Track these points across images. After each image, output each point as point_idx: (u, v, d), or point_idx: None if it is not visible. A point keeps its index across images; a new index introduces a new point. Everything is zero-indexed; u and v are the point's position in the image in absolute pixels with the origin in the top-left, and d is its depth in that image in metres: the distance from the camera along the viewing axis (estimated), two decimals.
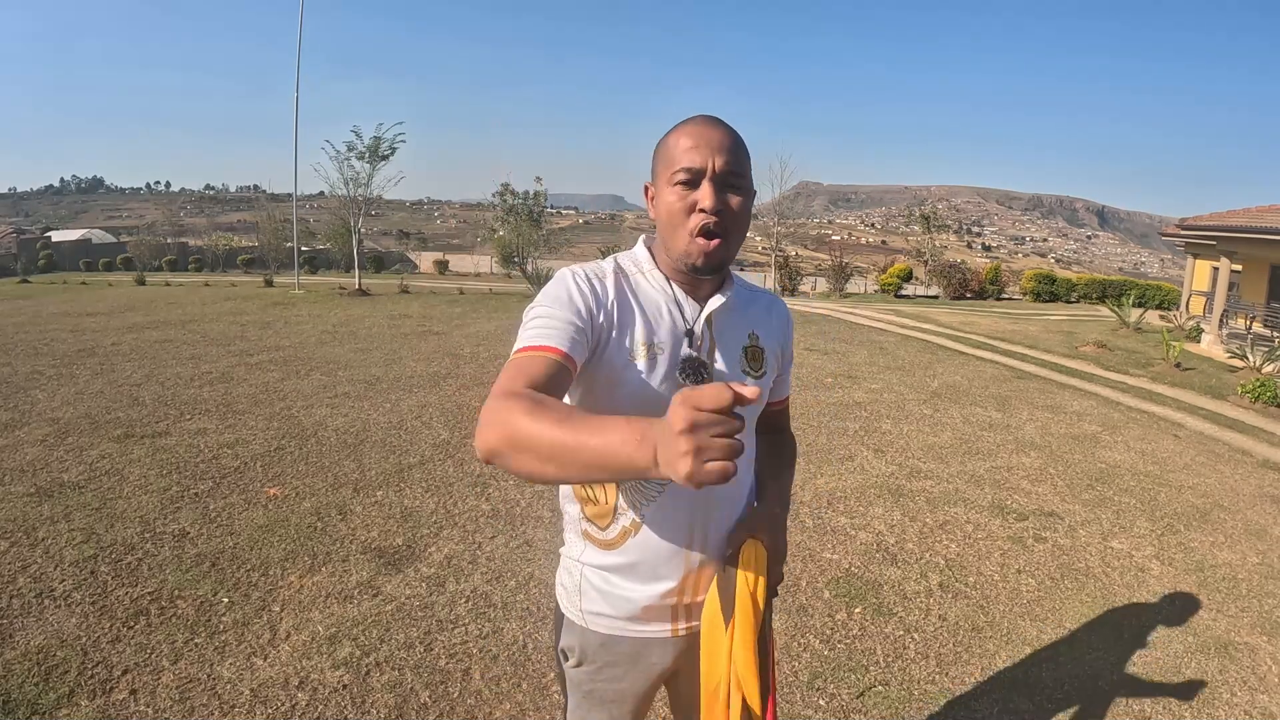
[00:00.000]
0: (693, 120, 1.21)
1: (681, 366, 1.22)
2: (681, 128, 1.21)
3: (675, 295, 1.25)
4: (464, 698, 2.53)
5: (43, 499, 4.01)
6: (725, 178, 1.17)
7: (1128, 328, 14.12)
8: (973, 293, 24.30)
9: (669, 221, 1.20)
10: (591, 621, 1.31)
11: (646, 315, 1.23)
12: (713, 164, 1.16)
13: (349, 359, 8.46)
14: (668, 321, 1.24)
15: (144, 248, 37.12)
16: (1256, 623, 3.33)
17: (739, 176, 1.18)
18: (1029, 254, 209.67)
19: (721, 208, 1.17)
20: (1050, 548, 4.02)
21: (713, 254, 1.19)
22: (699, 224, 1.17)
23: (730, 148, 1.18)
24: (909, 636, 3.05)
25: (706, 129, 1.19)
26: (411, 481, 4.53)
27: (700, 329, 1.24)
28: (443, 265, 38.72)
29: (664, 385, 1.21)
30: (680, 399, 0.81)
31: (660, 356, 1.21)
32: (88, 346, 8.78)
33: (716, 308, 1.25)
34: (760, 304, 1.38)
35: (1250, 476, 5.60)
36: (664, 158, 1.21)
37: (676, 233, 1.20)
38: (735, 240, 1.21)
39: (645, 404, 1.19)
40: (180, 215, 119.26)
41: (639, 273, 1.28)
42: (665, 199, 1.20)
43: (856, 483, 4.87)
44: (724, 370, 1.26)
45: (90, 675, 2.53)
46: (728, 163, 1.16)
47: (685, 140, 1.18)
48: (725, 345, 1.27)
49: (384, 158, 17.89)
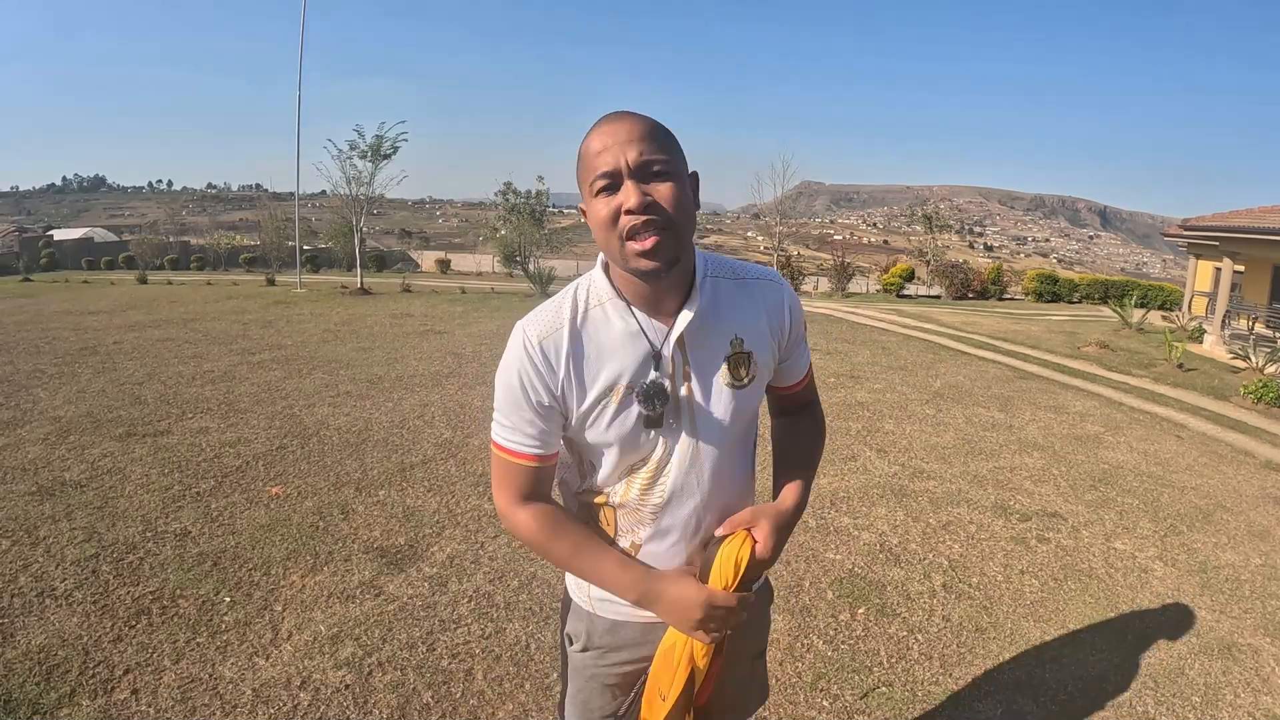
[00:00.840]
0: (598, 123, 1.13)
1: (640, 394, 1.17)
2: (590, 134, 1.13)
3: (639, 324, 1.18)
4: (467, 698, 2.52)
5: (44, 498, 4.01)
6: (644, 169, 1.08)
7: (1130, 328, 14.10)
8: (975, 293, 24.27)
9: (603, 234, 1.11)
10: (599, 607, 1.33)
11: (612, 357, 1.18)
12: (627, 160, 1.07)
13: (351, 358, 8.46)
14: (634, 356, 1.18)
15: (146, 246, 37.10)
16: (1260, 624, 3.32)
17: (661, 162, 1.09)
18: (1031, 254, 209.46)
19: (649, 201, 1.08)
20: (1053, 548, 4.01)
21: (655, 252, 1.09)
22: (628, 226, 1.08)
23: (641, 135, 1.09)
24: (912, 637, 3.05)
25: (614, 125, 1.10)
26: (414, 481, 4.52)
27: (671, 351, 1.19)
28: (445, 264, 38.76)
29: (639, 419, 1.18)
30: (705, 600, 1.17)
31: (632, 394, 1.18)
32: (90, 345, 8.79)
33: (685, 326, 1.17)
34: (746, 295, 1.26)
35: (1253, 477, 5.58)
36: (581, 170, 1.13)
37: (612, 243, 1.11)
38: (682, 229, 1.11)
39: (627, 442, 1.20)
40: (182, 214, 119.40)
41: (598, 306, 1.20)
42: (594, 212, 1.11)
43: (859, 483, 4.86)
44: (701, 390, 1.20)
45: (91, 675, 2.52)
46: (642, 152, 1.08)
47: (595, 143, 1.10)
48: (703, 363, 1.20)
49: (386, 156, 17.91)
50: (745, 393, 1.24)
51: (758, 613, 1.44)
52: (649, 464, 1.22)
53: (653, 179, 1.09)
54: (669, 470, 1.22)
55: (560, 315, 1.19)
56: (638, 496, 1.24)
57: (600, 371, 1.17)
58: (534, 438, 1.20)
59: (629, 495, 1.24)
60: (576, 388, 1.17)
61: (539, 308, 1.23)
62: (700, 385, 1.21)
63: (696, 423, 1.21)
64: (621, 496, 1.24)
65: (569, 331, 1.18)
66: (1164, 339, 11.36)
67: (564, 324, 1.18)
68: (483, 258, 39.07)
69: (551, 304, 1.22)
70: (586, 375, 1.17)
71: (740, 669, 1.42)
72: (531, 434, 1.20)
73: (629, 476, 1.23)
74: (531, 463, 1.21)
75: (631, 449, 1.20)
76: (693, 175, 1.17)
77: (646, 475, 1.22)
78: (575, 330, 1.18)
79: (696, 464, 1.22)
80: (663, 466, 1.22)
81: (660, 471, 1.22)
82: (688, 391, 1.20)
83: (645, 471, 1.22)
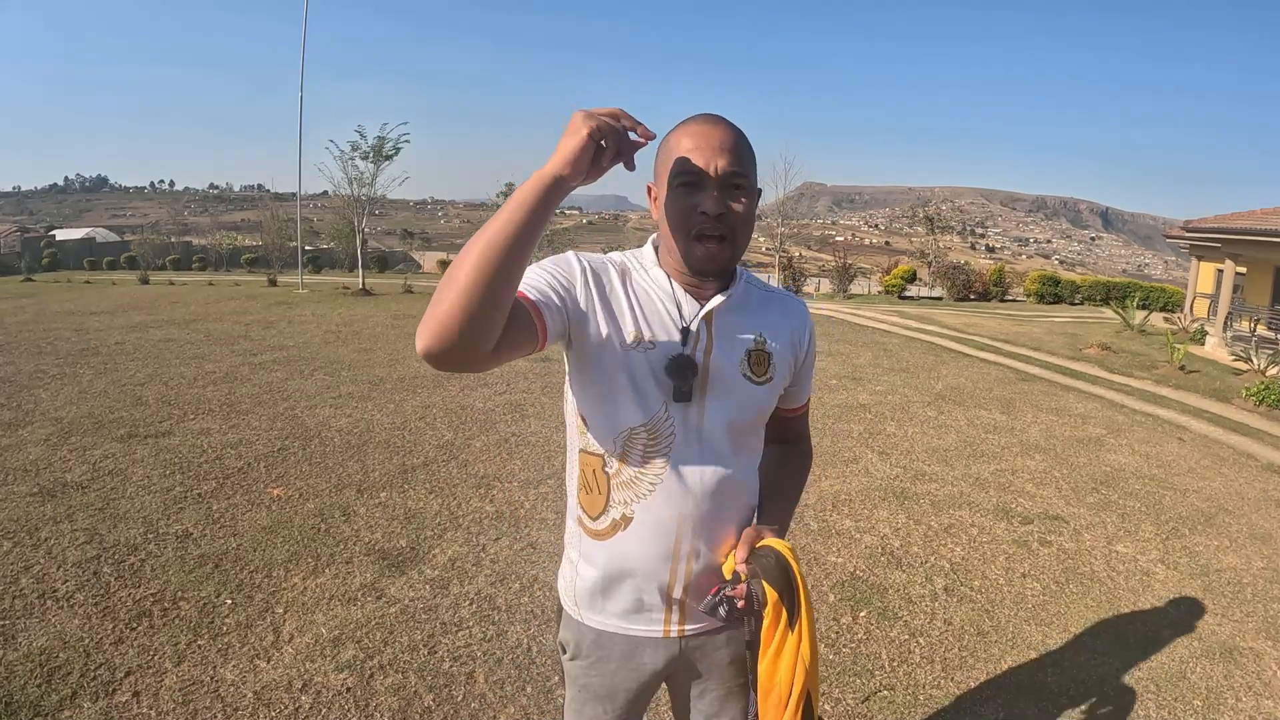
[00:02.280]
0: (696, 119, 1.18)
1: (668, 365, 1.19)
2: (684, 127, 1.17)
3: (675, 293, 1.23)
4: (468, 701, 2.52)
5: (45, 499, 4.01)
6: (729, 179, 1.13)
7: (1132, 330, 14.09)
8: (976, 294, 24.24)
9: (672, 224, 1.17)
10: (586, 617, 1.32)
11: (641, 309, 1.21)
12: (715, 166, 1.13)
13: (352, 359, 8.47)
14: (663, 318, 1.21)
15: (148, 247, 37.13)
16: (1261, 627, 3.31)
17: (743, 178, 1.15)
18: (1033, 255, 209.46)
19: (724, 211, 1.14)
20: (1055, 551, 4.01)
21: (716, 257, 1.16)
22: (699, 227, 1.14)
23: (733, 148, 1.14)
24: (914, 640, 3.04)
25: (709, 129, 1.15)
26: (415, 483, 4.52)
27: (697, 327, 1.21)
28: (446, 265, 38.69)
29: (653, 382, 1.19)
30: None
31: (652, 353, 1.20)
32: (91, 346, 8.79)
33: (717, 305, 1.22)
34: (774, 305, 1.32)
35: (1255, 480, 5.58)
36: (666, 158, 1.17)
37: (679, 236, 1.17)
38: (741, 243, 1.18)
39: (639, 394, 1.20)
40: (184, 214, 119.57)
41: (641, 269, 1.26)
42: (668, 201, 1.17)
43: (861, 485, 4.85)
44: (720, 371, 1.23)
45: (93, 677, 2.52)
46: (730, 164, 1.13)
47: (688, 141, 1.15)
48: (726, 345, 1.23)
49: (388, 157, 17.90)
50: (760, 390, 1.26)
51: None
52: (648, 430, 1.21)
53: (732, 192, 1.15)
54: (673, 443, 1.21)
55: (609, 260, 1.27)
56: (636, 465, 1.22)
57: (627, 316, 1.20)
58: (538, 289, 1.13)
59: (626, 462, 1.22)
60: (602, 316, 1.19)
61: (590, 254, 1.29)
62: (719, 364, 1.22)
63: (707, 400, 1.22)
64: (619, 461, 1.23)
65: (613, 274, 1.23)
66: (1166, 341, 11.35)
67: (610, 267, 1.25)
68: None
69: (603, 256, 1.28)
70: (612, 311, 1.20)
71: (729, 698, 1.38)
72: (539, 286, 1.14)
73: (628, 442, 1.22)
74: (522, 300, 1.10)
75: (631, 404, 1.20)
76: (758, 191, 1.22)
77: (647, 443, 1.21)
78: (617, 275, 1.24)
79: (702, 442, 1.22)
80: (666, 436, 1.21)
81: (663, 443, 1.21)
82: (705, 367, 1.22)
83: (645, 438, 1.21)
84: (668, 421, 1.21)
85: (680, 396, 1.20)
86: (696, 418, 1.22)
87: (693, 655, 1.33)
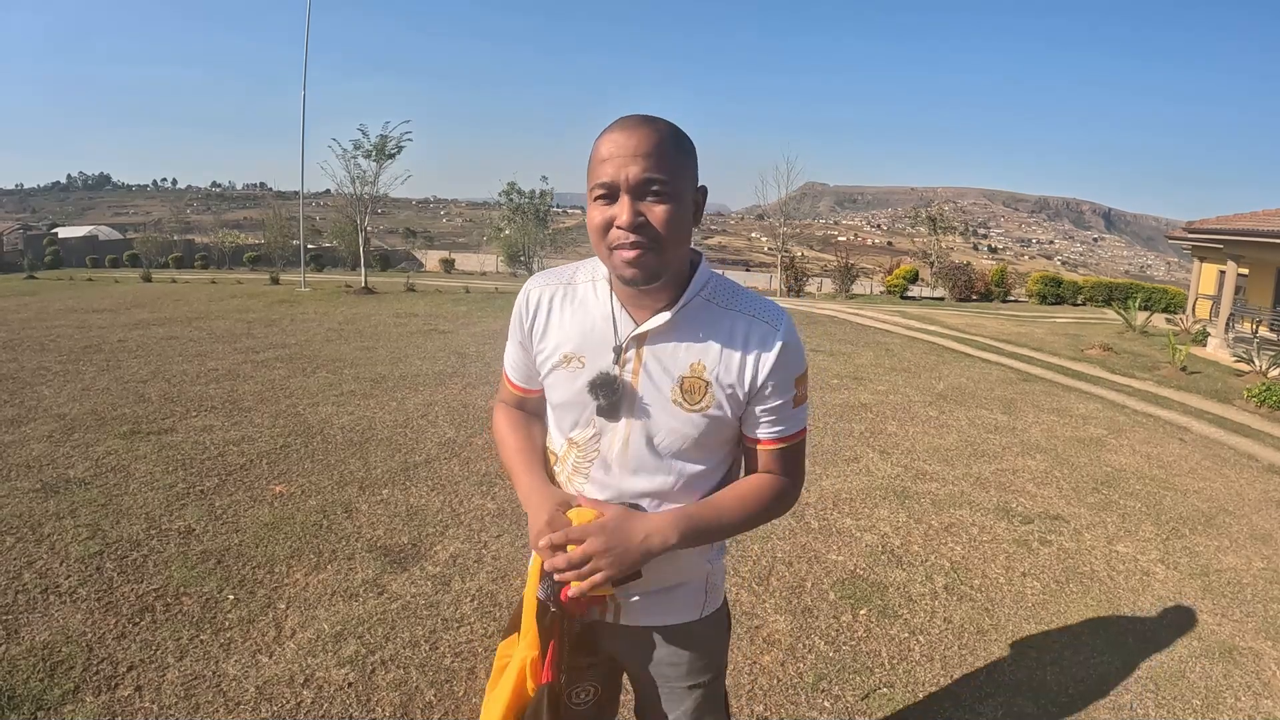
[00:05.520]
0: (613, 125, 1.13)
1: (591, 382, 1.21)
2: (603, 135, 1.14)
3: (613, 310, 1.22)
4: (469, 696, 2.53)
5: (48, 495, 4.02)
6: (642, 187, 1.09)
7: (1134, 331, 14.08)
8: (978, 295, 24.24)
9: (594, 237, 1.16)
10: None
11: (577, 327, 1.25)
12: (626, 176, 1.09)
13: (355, 357, 8.48)
14: (597, 336, 1.23)
15: (150, 245, 37.15)
16: (1261, 628, 3.32)
17: (662, 183, 1.09)
18: (1035, 256, 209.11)
19: (640, 222, 1.09)
20: (1055, 551, 4.01)
21: (636, 264, 1.12)
22: (616, 240, 1.11)
23: (649, 152, 1.09)
24: (914, 639, 3.05)
25: (624, 136, 1.10)
26: (417, 480, 4.53)
27: (627, 345, 1.21)
28: (449, 264, 38.73)
29: (581, 395, 1.23)
30: (548, 522, 1.18)
31: (580, 372, 1.22)
32: (94, 343, 8.81)
33: (652, 328, 1.19)
34: (736, 327, 1.21)
35: (1256, 481, 5.57)
36: (589, 169, 1.15)
37: (600, 248, 1.16)
38: (669, 248, 1.13)
39: (566, 409, 1.27)
40: (187, 212, 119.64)
41: (589, 283, 1.28)
42: (590, 215, 1.15)
43: (862, 484, 4.86)
44: (645, 393, 1.21)
45: (95, 671, 2.53)
46: (644, 169, 1.08)
47: (604, 149, 1.12)
48: (654, 368, 1.21)
49: (390, 156, 17.90)
50: (694, 417, 1.21)
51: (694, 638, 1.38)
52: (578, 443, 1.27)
53: (650, 197, 1.10)
54: (595, 456, 1.26)
55: (560, 278, 1.31)
56: (570, 469, 1.29)
57: (560, 335, 1.27)
58: (514, 367, 1.39)
59: (564, 464, 1.30)
60: (543, 342, 1.29)
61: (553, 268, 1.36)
62: (646, 387, 1.21)
63: (635, 420, 1.23)
64: (560, 464, 1.31)
65: (560, 294, 1.29)
66: (1168, 342, 11.34)
67: (559, 287, 1.30)
68: (487, 257, 39.11)
69: (563, 268, 1.34)
70: (555, 335, 1.27)
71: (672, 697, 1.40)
72: (514, 364, 1.39)
73: (568, 447, 1.29)
74: (514, 389, 1.42)
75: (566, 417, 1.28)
76: (700, 190, 1.18)
77: (579, 454, 1.27)
78: (565, 295, 1.29)
79: (621, 459, 1.24)
80: (592, 449, 1.26)
81: (589, 454, 1.27)
82: (633, 388, 1.22)
83: (577, 450, 1.28)
84: (594, 439, 1.25)
85: (602, 413, 1.22)
86: (622, 437, 1.23)
87: (635, 648, 1.38)
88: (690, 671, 1.38)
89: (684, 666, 1.38)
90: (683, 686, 1.39)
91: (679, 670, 1.38)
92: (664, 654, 1.37)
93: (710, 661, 1.41)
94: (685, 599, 1.35)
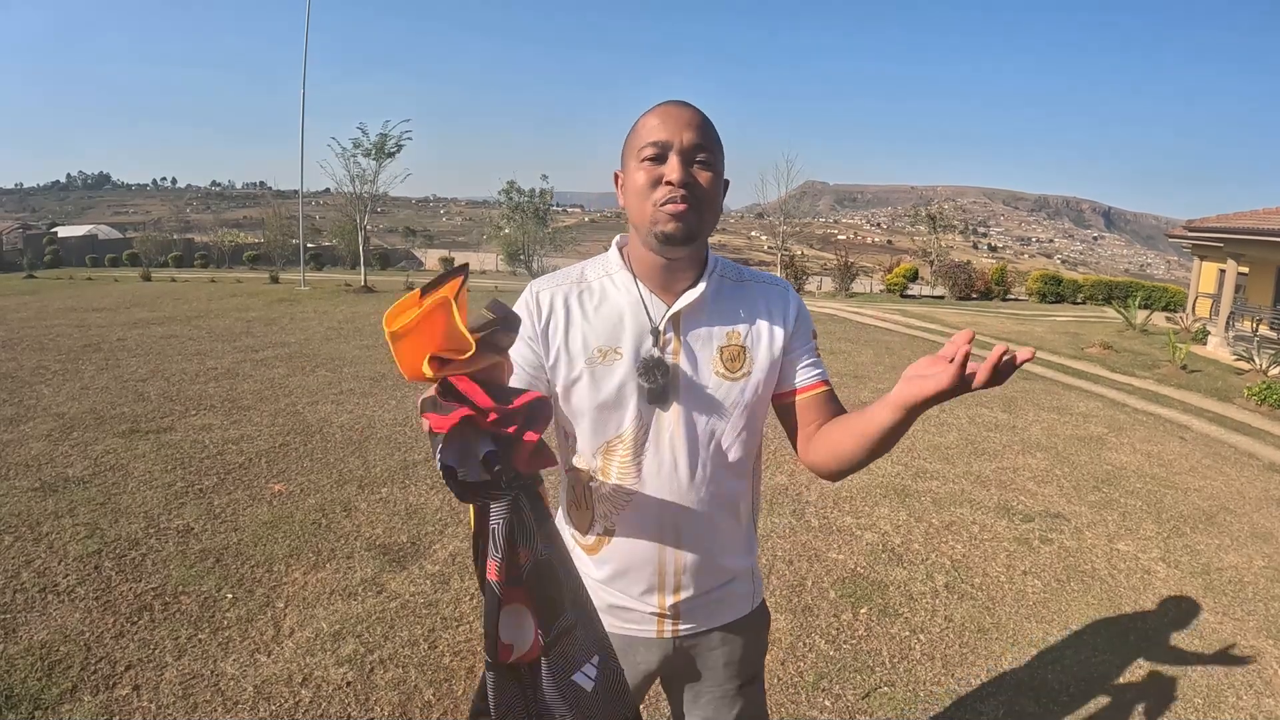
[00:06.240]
0: (662, 104, 1.20)
1: (640, 366, 1.20)
2: (650, 110, 1.19)
3: (641, 296, 1.23)
4: (468, 696, 2.52)
5: (47, 494, 4.01)
6: (692, 152, 1.14)
7: (1134, 329, 14.06)
8: (978, 293, 24.21)
9: (636, 196, 1.17)
10: None
11: (604, 321, 1.22)
12: (680, 139, 1.14)
13: (354, 355, 8.47)
14: (630, 324, 1.22)
15: (150, 244, 37.08)
16: (1262, 626, 3.31)
17: (708, 153, 1.16)
18: (1035, 255, 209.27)
19: (689, 180, 1.14)
20: (1056, 549, 4.00)
21: (681, 218, 1.14)
22: (664, 196, 1.14)
23: (698, 125, 1.16)
24: (915, 637, 3.04)
25: (676, 109, 1.17)
26: (416, 478, 4.53)
27: (665, 328, 1.22)
28: (448, 263, 38.69)
29: (623, 388, 1.20)
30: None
31: (618, 362, 1.20)
32: (93, 342, 8.80)
33: (684, 306, 1.21)
34: (749, 293, 1.29)
35: (1256, 479, 5.57)
36: (632, 139, 1.19)
37: (644, 207, 1.16)
38: (707, 216, 1.18)
39: (604, 408, 1.21)
40: (186, 211, 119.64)
41: (605, 276, 1.26)
42: (633, 177, 1.17)
43: (862, 483, 4.85)
44: (690, 371, 1.22)
45: (93, 670, 2.53)
46: (695, 138, 1.14)
47: (653, 119, 1.17)
48: (695, 344, 1.23)
49: (390, 155, 17.91)
50: (739, 385, 1.23)
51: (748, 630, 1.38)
52: (625, 440, 1.22)
53: (697, 165, 1.15)
54: (646, 450, 1.22)
55: (569, 278, 1.28)
56: (615, 476, 1.23)
57: (583, 333, 1.22)
58: (520, 367, 1.24)
59: (607, 475, 1.24)
60: (567, 344, 1.22)
61: (554, 272, 1.31)
62: (689, 365, 1.22)
63: (681, 402, 1.22)
64: (600, 475, 1.24)
65: (574, 292, 1.25)
66: (1168, 340, 11.33)
67: (571, 286, 1.26)
68: (486, 256, 39.07)
69: (567, 269, 1.30)
70: (580, 333, 1.22)
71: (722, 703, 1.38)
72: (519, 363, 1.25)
73: (606, 454, 1.23)
74: None
75: (609, 417, 1.22)
76: (725, 181, 1.22)
77: (624, 453, 1.22)
78: (580, 293, 1.25)
79: (675, 446, 1.22)
80: (641, 444, 1.22)
81: (639, 450, 1.22)
82: (675, 369, 1.21)
83: (622, 449, 1.22)
84: (643, 429, 1.22)
85: (654, 399, 1.20)
86: (673, 422, 1.22)
87: (687, 655, 1.34)
88: (742, 669, 1.38)
89: (735, 666, 1.36)
90: (734, 687, 1.38)
91: (731, 670, 1.36)
92: (719, 655, 1.35)
93: (759, 654, 1.43)
94: (740, 592, 1.35)
